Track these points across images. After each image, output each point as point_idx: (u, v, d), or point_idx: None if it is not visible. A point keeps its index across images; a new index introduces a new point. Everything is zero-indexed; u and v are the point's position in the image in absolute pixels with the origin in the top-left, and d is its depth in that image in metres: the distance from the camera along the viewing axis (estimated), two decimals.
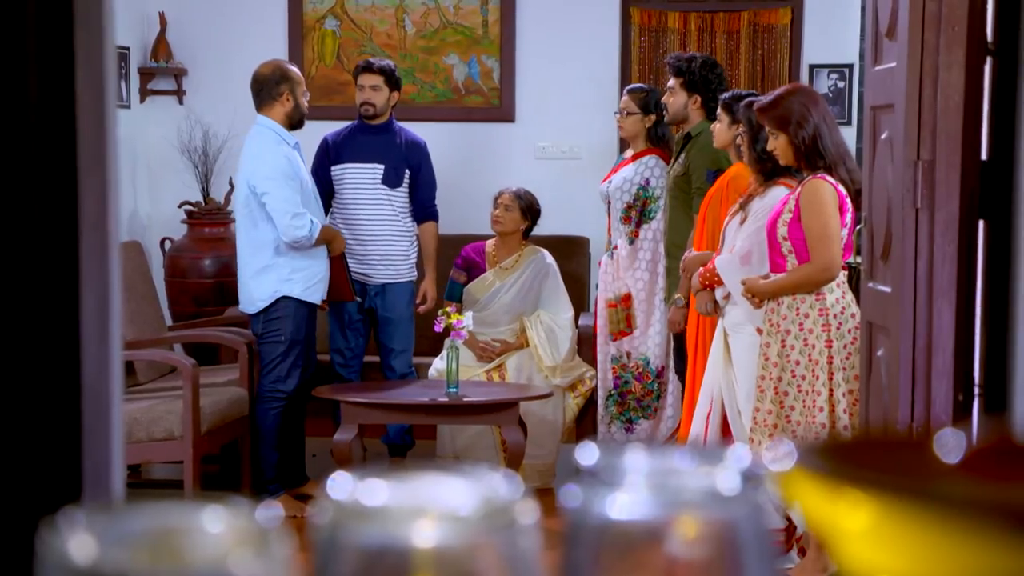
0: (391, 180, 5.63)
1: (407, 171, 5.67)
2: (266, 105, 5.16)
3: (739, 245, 4.23)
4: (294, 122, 5.17)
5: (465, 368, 5.56)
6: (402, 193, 5.67)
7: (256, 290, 5.12)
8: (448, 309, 5.41)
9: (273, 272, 5.09)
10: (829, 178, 3.94)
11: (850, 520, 0.46)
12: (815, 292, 3.96)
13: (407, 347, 5.73)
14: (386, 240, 5.61)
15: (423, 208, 5.73)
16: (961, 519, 0.43)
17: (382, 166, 5.61)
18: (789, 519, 4.12)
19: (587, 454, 0.53)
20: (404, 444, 5.84)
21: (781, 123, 3.98)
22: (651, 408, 5.55)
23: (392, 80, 5.65)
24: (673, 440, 5.43)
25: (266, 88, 5.16)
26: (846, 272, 4.06)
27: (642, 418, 5.56)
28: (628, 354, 5.55)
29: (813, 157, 3.97)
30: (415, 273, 5.76)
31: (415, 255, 5.76)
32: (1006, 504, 0.42)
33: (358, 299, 5.46)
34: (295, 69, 5.27)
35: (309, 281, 5.14)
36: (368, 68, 5.64)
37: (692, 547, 0.50)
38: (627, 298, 5.53)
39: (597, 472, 0.52)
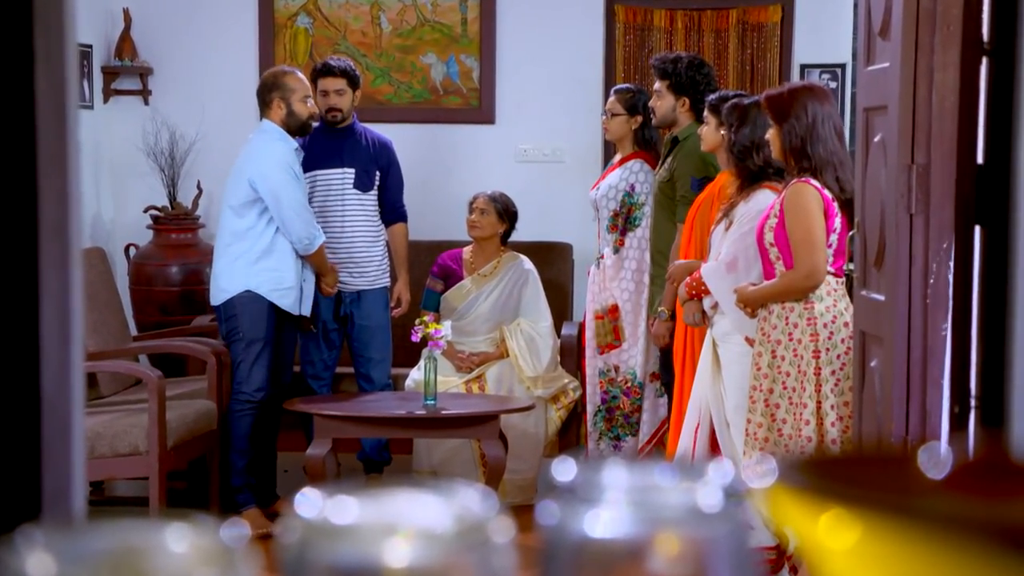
0: (363, 184, 5.63)
1: (377, 173, 5.68)
2: (264, 111, 5.29)
3: (724, 252, 4.25)
4: (293, 128, 5.25)
5: (443, 379, 5.56)
6: (373, 196, 5.68)
7: (226, 280, 5.20)
8: (426, 318, 5.41)
9: (244, 264, 5.15)
10: (814, 182, 3.96)
11: (833, 538, 0.47)
12: (804, 300, 3.98)
13: (385, 356, 5.72)
14: (360, 246, 5.61)
15: (393, 209, 5.75)
16: (946, 537, 0.43)
17: (352, 170, 5.61)
18: (781, 536, 4.13)
19: (565, 470, 0.53)
20: (381, 460, 5.83)
21: (778, 115, 4.02)
22: (638, 425, 5.55)
23: (354, 80, 5.66)
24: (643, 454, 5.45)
25: (261, 95, 5.31)
26: (841, 279, 4.07)
27: (629, 435, 5.56)
28: (616, 368, 5.55)
29: (799, 157, 3.99)
30: (388, 279, 5.76)
31: (388, 259, 5.77)
32: (992, 521, 0.43)
33: (312, 330, 5.52)
34: (295, 75, 5.33)
35: (277, 284, 5.18)
36: (329, 71, 5.63)
37: (672, 565, 0.50)
38: (614, 309, 5.54)
39: (575, 488, 0.52)
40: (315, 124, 5.43)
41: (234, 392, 5.21)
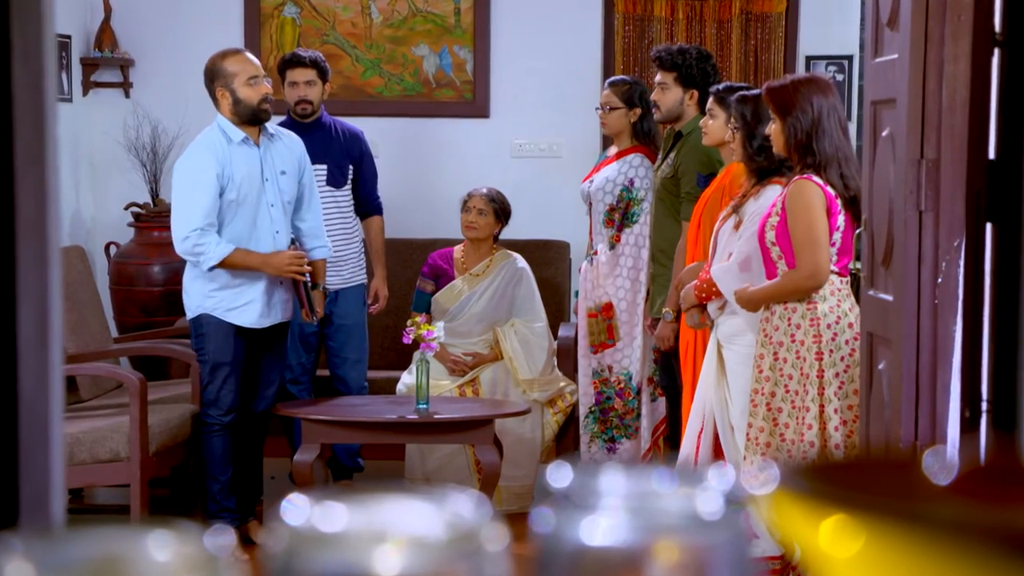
0: (335, 180, 5.61)
1: (350, 167, 5.66)
2: (216, 105, 5.07)
3: (737, 251, 4.23)
4: (244, 117, 4.98)
5: (435, 383, 5.56)
6: (347, 192, 5.66)
7: (187, 297, 5.08)
8: (418, 319, 5.39)
9: (199, 284, 5.01)
10: (816, 179, 3.96)
11: (836, 545, 0.47)
12: (806, 301, 3.98)
13: (362, 357, 5.70)
14: (335, 244, 5.53)
15: (367, 202, 5.72)
16: (952, 543, 0.43)
17: (324, 166, 5.58)
18: (786, 545, 4.13)
19: (560, 475, 0.53)
20: (351, 467, 5.78)
21: (781, 108, 4.01)
22: (632, 427, 5.56)
23: (323, 72, 5.63)
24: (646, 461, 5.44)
25: (207, 88, 5.09)
26: (846, 279, 4.07)
27: (624, 437, 5.57)
28: (610, 368, 5.55)
29: (803, 152, 3.99)
30: (365, 275, 5.75)
31: (364, 256, 5.75)
32: (1000, 527, 0.43)
33: (314, 322, 5.29)
34: (237, 56, 5.06)
35: (233, 302, 4.99)
36: (299, 62, 5.59)
37: (671, 574, 0.50)
38: (608, 307, 5.54)
39: (571, 494, 0.52)
40: (276, 113, 5.16)
41: (203, 413, 5.12)
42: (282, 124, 5.60)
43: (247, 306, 5.01)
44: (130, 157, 6.52)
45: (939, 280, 3.20)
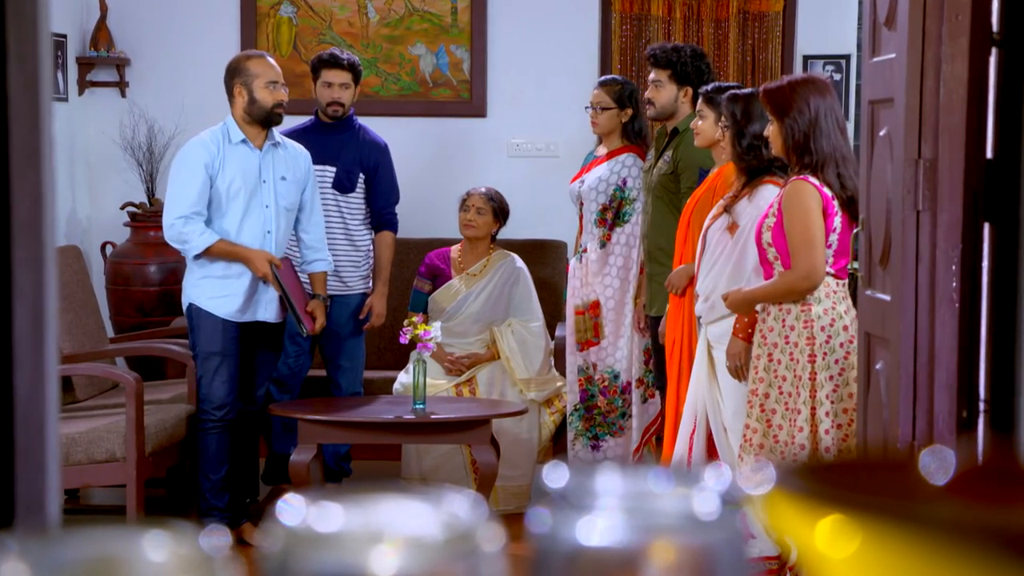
0: (342, 185, 5.58)
1: (361, 175, 5.62)
2: (229, 102, 5.11)
3: (750, 269, 4.19)
4: (256, 117, 5.04)
5: (432, 383, 5.56)
6: (355, 199, 5.61)
7: (183, 288, 5.16)
8: (415, 319, 5.39)
9: (192, 274, 5.08)
10: (812, 179, 3.96)
11: (832, 545, 0.47)
12: (801, 302, 3.97)
13: (354, 365, 5.67)
14: (334, 250, 5.48)
15: (379, 216, 5.67)
16: (949, 544, 0.43)
17: (333, 169, 5.56)
18: (783, 545, 4.13)
19: (557, 476, 0.53)
20: (339, 471, 5.74)
21: (779, 109, 4.00)
22: (616, 425, 5.57)
23: (358, 76, 5.64)
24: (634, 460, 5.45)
25: (225, 84, 5.13)
26: (842, 281, 4.07)
27: (608, 435, 5.57)
28: (594, 366, 5.56)
29: (801, 153, 3.99)
30: (368, 286, 5.71)
31: (369, 267, 5.71)
32: (996, 528, 0.43)
33: (304, 334, 5.26)
34: (261, 59, 5.13)
35: (218, 292, 5.03)
36: (337, 63, 5.58)
37: (668, 574, 0.50)
38: (595, 305, 5.54)
39: (567, 495, 0.52)
40: (302, 114, 5.20)
41: (199, 409, 5.13)
42: (308, 123, 5.62)
43: (227, 298, 5.05)
44: (126, 157, 6.52)
45: (937, 280, 3.20)
